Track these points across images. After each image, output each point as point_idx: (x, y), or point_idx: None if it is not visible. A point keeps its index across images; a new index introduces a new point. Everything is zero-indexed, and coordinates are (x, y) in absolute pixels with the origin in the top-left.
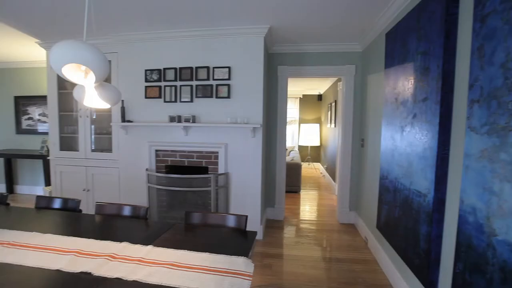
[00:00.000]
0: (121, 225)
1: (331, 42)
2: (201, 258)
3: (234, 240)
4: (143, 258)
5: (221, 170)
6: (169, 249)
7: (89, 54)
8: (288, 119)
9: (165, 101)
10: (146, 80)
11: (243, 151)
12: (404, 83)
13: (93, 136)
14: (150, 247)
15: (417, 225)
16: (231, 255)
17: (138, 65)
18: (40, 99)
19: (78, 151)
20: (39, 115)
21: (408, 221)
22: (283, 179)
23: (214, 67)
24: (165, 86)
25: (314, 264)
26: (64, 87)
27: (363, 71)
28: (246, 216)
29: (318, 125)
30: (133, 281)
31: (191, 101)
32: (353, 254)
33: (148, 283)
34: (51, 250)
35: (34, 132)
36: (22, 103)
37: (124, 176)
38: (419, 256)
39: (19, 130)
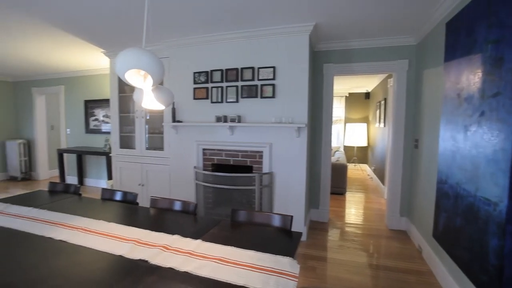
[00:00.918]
0: (173, 218)
1: (381, 36)
2: (247, 255)
3: (279, 240)
4: (193, 251)
5: (265, 169)
6: (217, 244)
7: (148, 60)
8: (333, 119)
9: (212, 102)
10: (195, 82)
11: (288, 151)
12: (469, 77)
13: (147, 135)
14: (199, 241)
15: (484, 237)
16: (276, 254)
17: (187, 68)
18: (104, 102)
19: (134, 149)
20: (103, 116)
21: (473, 231)
22: (328, 180)
23: (259, 68)
24: (212, 87)
25: (360, 270)
26: (124, 90)
27: (417, 66)
28: (292, 217)
29: (365, 124)
30: (184, 272)
31: (237, 101)
32: (405, 263)
33: (198, 275)
34: (115, 237)
35: (99, 131)
36: (90, 106)
37: (174, 173)
38: (487, 272)
39: (88, 130)
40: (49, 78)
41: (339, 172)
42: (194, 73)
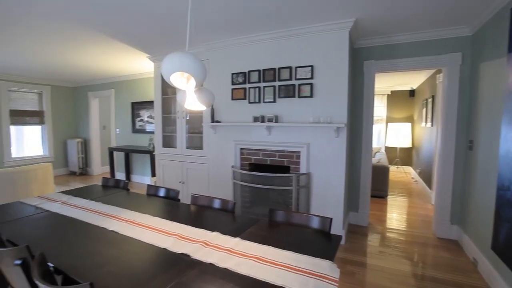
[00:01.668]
0: (212, 216)
1: (430, 28)
2: (285, 256)
3: (318, 242)
4: (232, 249)
5: (302, 170)
6: (255, 243)
7: (191, 62)
8: (374, 118)
9: (249, 102)
10: (233, 83)
11: (326, 152)
12: None
13: (187, 135)
14: (238, 239)
15: None
16: (315, 256)
17: (225, 70)
18: (148, 104)
19: (176, 148)
20: (147, 117)
21: None
22: (368, 182)
23: (296, 67)
24: (249, 87)
25: (403, 279)
26: (166, 93)
27: (473, 59)
28: (331, 219)
29: (409, 124)
30: (224, 268)
31: (274, 101)
32: (457, 276)
33: (237, 272)
34: (159, 231)
35: (143, 131)
36: (136, 107)
37: (213, 171)
38: None
39: (134, 130)
40: (102, 83)
41: (380, 174)
42: (232, 74)
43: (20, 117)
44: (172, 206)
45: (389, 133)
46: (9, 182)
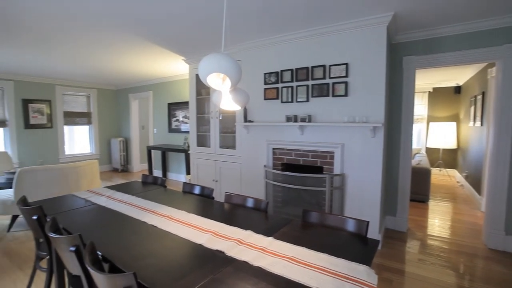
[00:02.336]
0: (245, 214)
1: (480, 18)
2: (319, 258)
3: (353, 246)
4: (266, 248)
5: (336, 170)
6: (288, 243)
7: (227, 63)
8: (414, 117)
9: (282, 102)
10: (265, 83)
11: (361, 152)
12: None
13: (220, 135)
14: (271, 238)
15: None
16: (350, 260)
17: (258, 70)
18: (183, 105)
19: (209, 147)
20: (182, 117)
21: None
22: (407, 185)
23: (330, 65)
24: (282, 87)
25: None
26: (200, 93)
27: None
28: (368, 222)
29: (454, 123)
30: (258, 267)
31: (307, 100)
32: None
33: (270, 272)
34: (195, 227)
35: (178, 131)
36: (172, 108)
37: (245, 170)
38: None
39: (170, 129)
40: (141, 85)
41: (420, 177)
42: (265, 74)
43: (72, 118)
44: (206, 204)
45: (430, 133)
46: (63, 176)
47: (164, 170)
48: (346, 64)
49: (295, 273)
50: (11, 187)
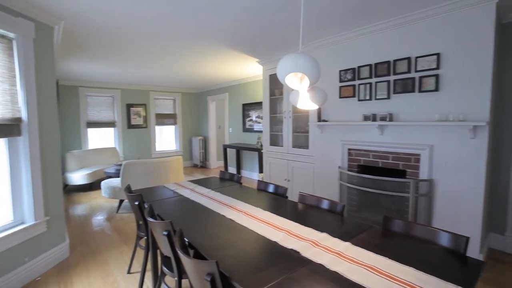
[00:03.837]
0: (320, 216)
1: None
2: (404, 271)
3: (448, 263)
4: (342, 253)
5: (423, 175)
6: (367, 251)
7: (305, 62)
8: None
9: (359, 100)
10: (340, 80)
11: (457, 156)
12: None
13: (292, 134)
14: (348, 244)
15: None
16: (445, 280)
17: (333, 67)
18: (256, 105)
19: (282, 146)
20: (256, 117)
21: None
22: None
23: (416, 57)
24: (359, 84)
25: None
26: (274, 93)
27: None
28: (468, 238)
29: None
30: (334, 271)
31: (388, 97)
32: None
33: (348, 278)
34: (269, 224)
35: (252, 130)
36: (246, 108)
37: (318, 171)
38: None
39: (244, 129)
40: (218, 88)
41: None
42: (340, 71)
43: (161, 119)
44: (280, 202)
45: None
46: (155, 170)
47: (238, 168)
48: (437, 54)
49: (376, 283)
50: (118, 176)
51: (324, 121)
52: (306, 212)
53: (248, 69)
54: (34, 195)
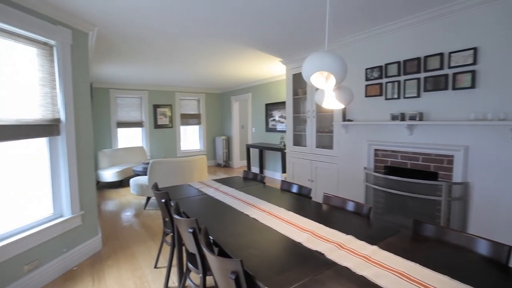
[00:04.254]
0: (345, 218)
1: None
2: (437, 280)
3: (487, 273)
4: (369, 257)
5: (456, 178)
6: (396, 256)
7: (331, 61)
8: None
9: (386, 99)
10: (366, 79)
11: (496, 157)
12: None
13: (316, 134)
14: (375, 247)
15: None
16: None
17: (358, 65)
18: (280, 105)
19: (305, 146)
20: (279, 117)
21: None
22: None
23: (450, 53)
24: (386, 82)
25: None
26: (297, 93)
27: None
28: (510, 247)
29: None
30: (361, 275)
31: (418, 96)
32: None
33: (376, 283)
34: (293, 225)
35: (275, 130)
36: (269, 108)
37: (343, 172)
38: None
39: (267, 129)
40: (241, 88)
41: None
42: (366, 69)
43: (186, 119)
44: (304, 203)
45: None
46: (180, 169)
47: (261, 167)
48: (474, 48)
49: None
50: (146, 174)
51: (349, 120)
52: (330, 213)
53: (271, 69)
54: (71, 190)
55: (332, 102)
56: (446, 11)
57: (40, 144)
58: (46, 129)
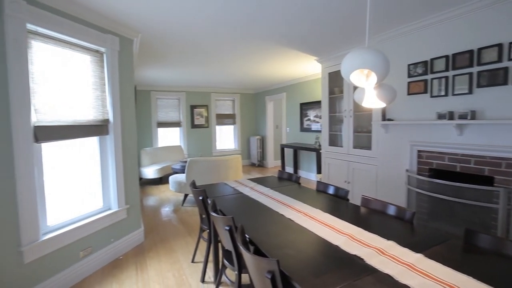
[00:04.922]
0: (385, 222)
1: None
2: None
3: None
4: (414, 265)
5: None
6: (444, 266)
7: (373, 58)
8: None
9: (431, 96)
10: (409, 76)
11: None
12: None
13: (353, 134)
14: (420, 255)
15: None
16: None
17: (400, 61)
18: (315, 104)
19: (342, 147)
20: (314, 116)
21: None
22: None
23: (510, 43)
24: (432, 78)
25: None
26: (333, 92)
27: None
28: None
29: None
30: (404, 285)
31: (469, 92)
32: None
33: None
34: (330, 227)
35: (309, 130)
36: (304, 108)
37: (382, 173)
38: None
39: (301, 129)
40: (276, 88)
41: None
42: (409, 65)
43: (221, 119)
44: (341, 205)
45: None
46: (216, 167)
47: (296, 167)
48: None
49: None
50: (183, 172)
51: (389, 120)
52: (369, 217)
53: (305, 68)
54: (118, 185)
55: (372, 100)
56: None
57: (92, 143)
58: (97, 129)
